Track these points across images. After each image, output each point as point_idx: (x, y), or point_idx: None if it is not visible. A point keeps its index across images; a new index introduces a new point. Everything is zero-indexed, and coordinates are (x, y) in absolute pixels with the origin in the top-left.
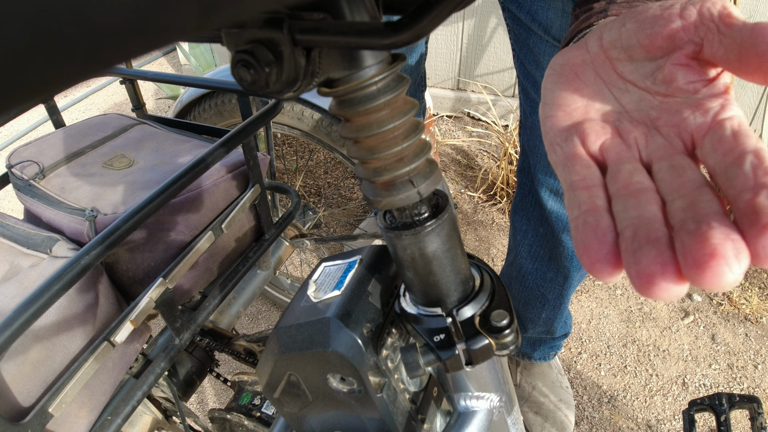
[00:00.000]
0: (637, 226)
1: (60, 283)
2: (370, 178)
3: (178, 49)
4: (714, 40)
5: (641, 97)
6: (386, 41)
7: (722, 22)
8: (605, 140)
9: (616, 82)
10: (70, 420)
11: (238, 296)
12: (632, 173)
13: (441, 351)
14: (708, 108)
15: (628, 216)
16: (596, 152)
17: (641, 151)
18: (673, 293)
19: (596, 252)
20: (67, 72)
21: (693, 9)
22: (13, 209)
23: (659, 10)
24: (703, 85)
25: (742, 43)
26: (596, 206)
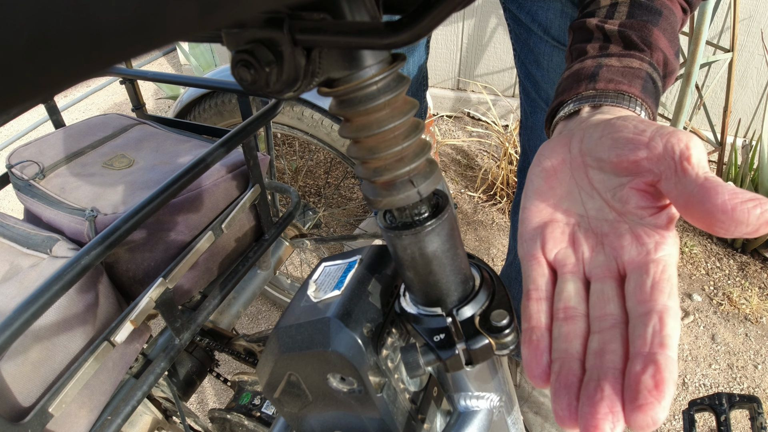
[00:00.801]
0: (563, 361)
1: (60, 283)
2: (370, 177)
3: (178, 49)
4: (670, 179)
5: (602, 206)
6: (386, 41)
7: (680, 165)
8: (560, 250)
9: (585, 187)
10: (70, 420)
11: (238, 296)
12: (572, 296)
13: (441, 351)
14: (644, 243)
15: (559, 347)
16: (551, 259)
17: (585, 265)
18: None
19: (534, 369)
20: (67, 72)
21: (660, 141)
22: (13, 209)
23: (632, 133)
24: (650, 213)
25: (692, 195)
26: (540, 325)
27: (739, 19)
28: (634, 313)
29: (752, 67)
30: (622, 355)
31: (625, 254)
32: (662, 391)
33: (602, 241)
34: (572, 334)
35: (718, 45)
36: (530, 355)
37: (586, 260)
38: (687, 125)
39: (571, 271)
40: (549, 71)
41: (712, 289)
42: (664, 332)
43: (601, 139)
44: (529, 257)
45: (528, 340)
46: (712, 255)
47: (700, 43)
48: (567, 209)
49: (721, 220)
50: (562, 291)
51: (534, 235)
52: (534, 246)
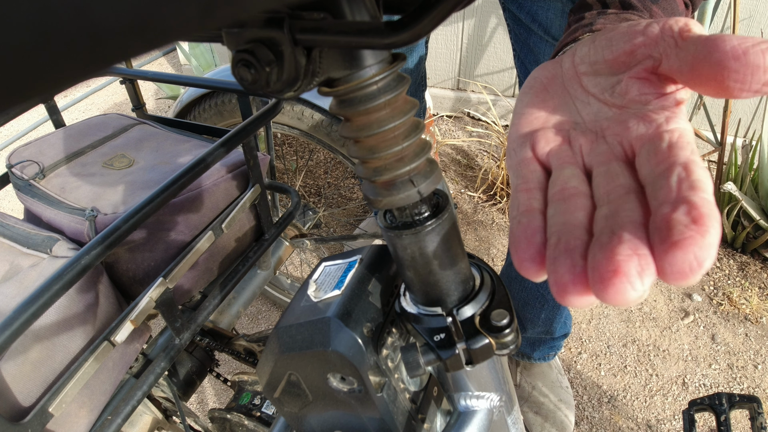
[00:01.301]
0: (561, 233)
1: (60, 283)
2: (370, 177)
3: (178, 49)
4: (671, 54)
5: (599, 108)
6: (386, 41)
7: (680, 36)
8: (553, 147)
9: (580, 96)
10: (70, 420)
11: (238, 296)
12: (569, 178)
13: (441, 350)
14: (653, 119)
15: (556, 222)
16: (543, 157)
17: (584, 156)
18: (583, 303)
19: (524, 251)
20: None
21: (656, 25)
22: (13, 209)
23: (627, 27)
24: (655, 97)
25: (696, 54)
26: (532, 208)
27: (739, 19)
28: (651, 175)
29: None
30: (642, 214)
31: (631, 133)
32: (704, 226)
33: (603, 135)
34: (573, 207)
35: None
36: (519, 234)
37: (585, 152)
38: None
39: (568, 162)
40: None
41: (712, 289)
42: (692, 177)
43: (594, 43)
44: (517, 162)
45: (516, 223)
46: None
47: None
48: (561, 119)
49: (735, 68)
50: (557, 178)
51: (523, 141)
52: (523, 150)
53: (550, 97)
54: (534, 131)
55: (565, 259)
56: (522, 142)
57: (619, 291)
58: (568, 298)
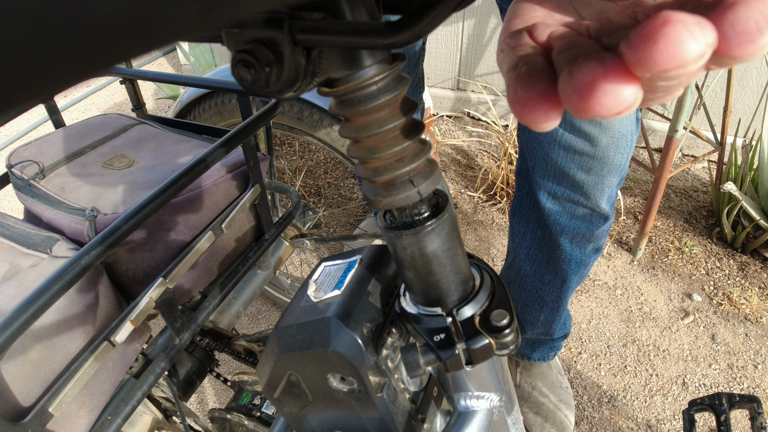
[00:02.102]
0: (577, 55)
1: (60, 283)
2: (370, 177)
3: (178, 49)
4: None
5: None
6: (386, 41)
7: None
8: (554, 30)
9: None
10: (70, 420)
11: (238, 296)
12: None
13: (441, 351)
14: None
15: (566, 56)
16: (545, 41)
17: (593, 35)
18: (619, 97)
19: (529, 90)
20: (67, 72)
21: None
22: (13, 209)
23: None
24: None
25: None
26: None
27: None
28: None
29: (752, 67)
30: None
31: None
32: None
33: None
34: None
35: None
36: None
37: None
38: (687, 125)
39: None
40: None
41: (712, 289)
42: None
43: None
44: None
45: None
46: (712, 255)
47: None
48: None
49: None
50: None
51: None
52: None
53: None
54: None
55: (588, 61)
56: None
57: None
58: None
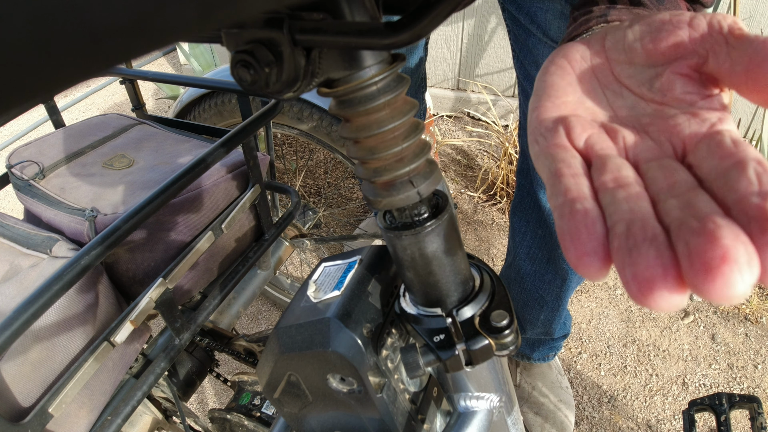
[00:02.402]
0: (630, 221)
1: (60, 283)
2: (370, 178)
3: (178, 49)
4: (721, 53)
5: (635, 103)
6: (386, 41)
7: (732, 35)
8: (592, 134)
9: (611, 85)
10: (70, 420)
11: (238, 296)
12: (620, 167)
13: (441, 351)
14: (705, 118)
15: (619, 209)
16: (581, 146)
17: (629, 150)
18: (673, 303)
19: (585, 243)
20: (67, 72)
21: (703, 20)
22: (13, 209)
23: (669, 16)
24: (700, 98)
25: (753, 56)
26: (583, 194)
27: (740, 19)
28: (719, 170)
29: None
30: (718, 208)
31: (682, 130)
32: None
33: (645, 130)
34: (635, 197)
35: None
36: (577, 225)
37: (629, 146)
38: None
39: (613, 153)
40: None
41: None
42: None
43: (631, 28)
44: (549, 147)
45: (569, 211)
46: None
47: None
48: (592, 107)
49: None
50: (604, 165)
51: (554, 125)
52: (555, 135)
53: (577, 81)
54: (564, 117)
55: (648, 249)
56: (551, 127)
57: (729, 282)
58: (655, 296)
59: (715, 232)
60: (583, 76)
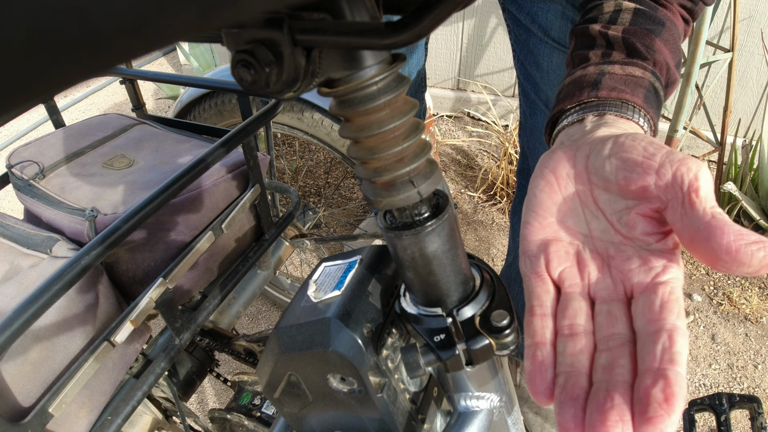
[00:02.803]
0: (568, 375)
1: (60, 283)
2: (370, 178)
3: (178, 49)
4: (676, 211)
5: (607, 228)
6: (386, 41)
7: (688, 198)
8: (565, 269)
9: (590, 205)
10: (70, 420)
11: (238, 296)
12: (577, 313)
13: (441, 351)
14: (652, 267)
15: (564, 362)
16: (556, 278)
17: (591, 286)
18: None
19: (538, 386)
20: (67, 72)
21: (669, 170)
22: (13, 209)
23: (641, 156)
24: (656, 239)
25: (697, 232)
26: (544, 340)
27: (739, 19)
28: (643, 333)
29: (752, 67)
30: (631, 370)
31: (633, 277)
32: (672, 405)
33: (609, 264)
34: (578, 350)
35: (718, 45)
36: (534, 370)
37: (592, 282)
38: (687, 125)
39: (577, 291)
40: (549, 73)
41: (712, 289)
42: (673, 349)
43: (609, 159)
44: (532, 274)
45: (532, 355)
46: None
47: (700, 43)
48: (571, 228)
49: (724, 260)
50: (566, 308)
51: (537, 253)
52: (537, 263)
53: (561, 200)
54: (547, 242)
55: (569, 408)
56: (536, 253)
57: None
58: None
59: (607, 413)
60: (566, 194)
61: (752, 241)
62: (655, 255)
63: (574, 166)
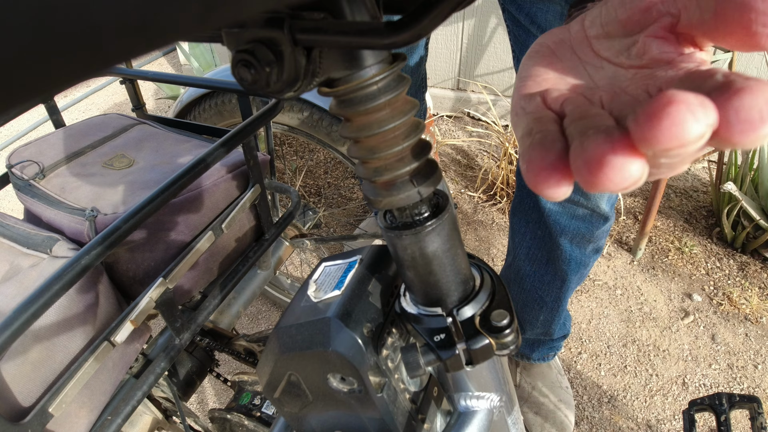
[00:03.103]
0: (587, 127)
1: (60, 283)
2: (370, 177)
3: (178, 49)
4: (691, 6)
5: (615, 72)
6: (386, 41)
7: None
8: (568, 98)
9: (591, 60)
10: (70, 420)
11: (238, 296)
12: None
13: (441, 351)
14: (683, 66)
15: (577, 127)
16: (558, 108)
17: (605, 105)
18: (626, 173)
19: (542, 160)
20: (67, 72)
21: None
22: (13, 209)
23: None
24: (677, 55)
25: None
26: (546, 125)
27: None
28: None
29: (752, 67)
30: None
31: (660, 78)
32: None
33: (624, 90)
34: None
35: (718, 45)
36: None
37: (605, 101)
38: None
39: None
40: None
41: (712, 289)
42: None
43: (606, 5)
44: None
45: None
46: (712, 255)
47: None
48: (573, 81)
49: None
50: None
51: (532, 97)
52: (533, 102)
53: (558, 60)
54: (545, 90)
55: (598, 135)
56: (530, 98)
57: (677, 122)
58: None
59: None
60: (563, 56)
61: None
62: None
63: (569, 31)
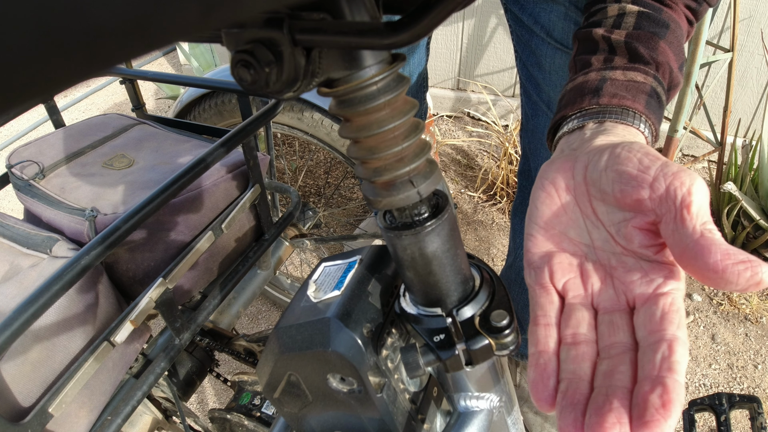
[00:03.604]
0: (570, 381)
1: (60, 283)
2: (370, 178)
3: (178, 49)
4: (669, 225)
5: (607, 239)
6: (386, 41)
7: (680, 214)
8: (568, 280)
9: (590, 216)
10: (70, 420)
11: (238, 296)
12: (581, 322)
13: (441, 351)
14: (653, 279)
15: (567, 369)
16: (560, 288)
17: (594, 296)
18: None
19: (541, 392)
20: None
21: (662, 183)
22: (13, 209)
23: (636, 169)
24: (654, 251)
25: (687, 249)
26: (548, 349)
27: (739, 19)
28: (644, 343)
29: (752, 67)
30: (631, 376)
31: (635, 289)
32: (669, 411)
33: (611, 274)
34: (580, 357)
35: (718, 45)
36: (537, 377)
37: (595, 292)
38: (687, 125)
39: (580, 301)
40: (551, 73)
41: (712, 289)
42: (672, 358)
43: (606, 171)
44: (537, 285)
45: (535, 363)
46: None
47: (700, 43)
48: (573, 239)
49: (712, 278)
50: (570, 318)
51: (541, 264)
52: (542, 274)
53: (563, 211)
54: (551, 254)
55: (570, 413)
56: (540, 264)
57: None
58: None
59: (605, 416)
60: (567, 206)
61: (739, 260)
62: (656, 266)
63: (573, 177)
